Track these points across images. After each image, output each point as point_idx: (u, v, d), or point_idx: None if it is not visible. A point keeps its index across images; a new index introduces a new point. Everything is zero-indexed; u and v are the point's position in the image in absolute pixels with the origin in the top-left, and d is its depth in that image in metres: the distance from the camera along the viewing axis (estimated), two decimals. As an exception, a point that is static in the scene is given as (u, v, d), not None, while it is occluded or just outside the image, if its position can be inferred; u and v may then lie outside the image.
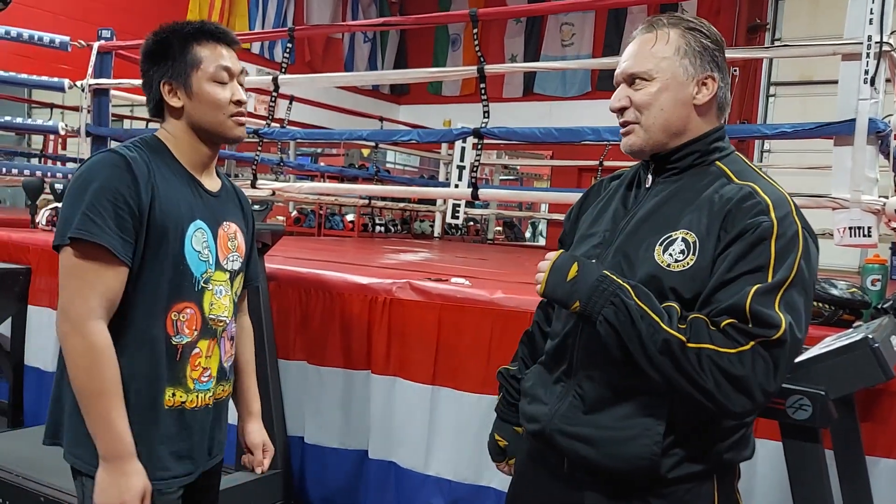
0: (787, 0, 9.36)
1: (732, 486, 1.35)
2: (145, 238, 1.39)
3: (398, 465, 2.65)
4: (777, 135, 2.77)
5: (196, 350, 1.47)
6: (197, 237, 1.46)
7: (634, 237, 1.31)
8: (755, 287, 1.16)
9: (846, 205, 2.57)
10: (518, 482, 1.52)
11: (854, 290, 2.12)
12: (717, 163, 1.32)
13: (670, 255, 1.24)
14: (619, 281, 1.23)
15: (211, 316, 1.50)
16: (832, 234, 2.62)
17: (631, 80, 1.32)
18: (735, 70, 9.33)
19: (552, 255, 1.32)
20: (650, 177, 1.36)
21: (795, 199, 3.02)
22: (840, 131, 2.57)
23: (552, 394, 1.36)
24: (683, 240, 1.24)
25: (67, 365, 1.36)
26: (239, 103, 1.49)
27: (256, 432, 1.70)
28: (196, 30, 1.48)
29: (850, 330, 1.79)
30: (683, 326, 1.19)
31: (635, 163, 1.43)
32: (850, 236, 2.58)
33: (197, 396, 1.49)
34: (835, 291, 2.12)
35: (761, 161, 9.43)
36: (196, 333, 1.47)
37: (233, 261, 1.56)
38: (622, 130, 1.35)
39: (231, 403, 1.67)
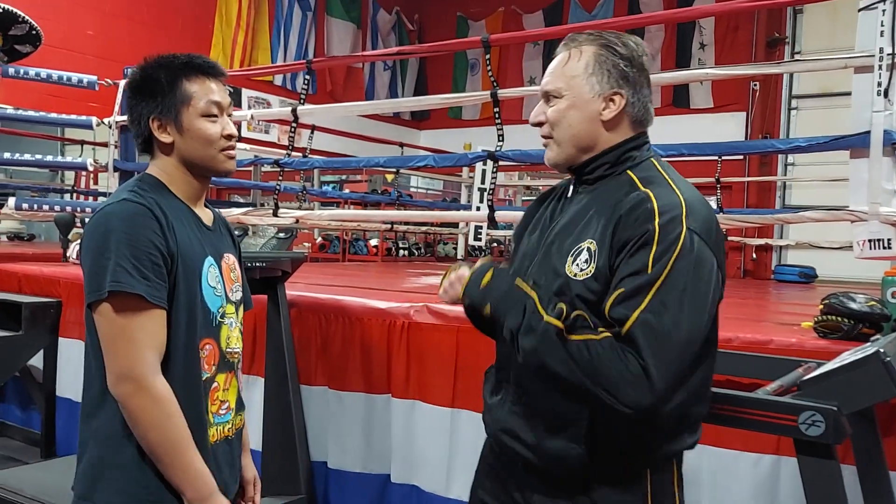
0: (805, 13, 9.31)
1: (669, 479, 1.35)
2: (174, 280, 1.39)
3: (420, 488, 2.66)
4: (791, 149, 2.76)
5: (214, 384, 1.48)
6: (211, 273, 1.47)
7: (552, 248, 1.36)
8: (618, 292, 1.22)
9: (865, 217, 2.54)
10: (476, 482, 1.56)
11: (873, 303, 2.09)
12: (628, 171, 1.35)
13: (577, 265, 1.30)
14: (527, 289, 1.30)
15: (228, 349, 1.51)
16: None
17: (546, 96, 1.39)
18: (755, 84, 9.30)
19: (477, 264, 1.40)
20: (571, 188, 1.43)
21: (815, 213, 2.99)
22: (855, 144, 2.56)
23: (496, 399, 1.44)
24: (588, 249, 1.29)
25: (136, 424, 1.33)
26: (230, 137, 1.48)
27: (250, 467, 1.67)
28: (185, 64, 1.46)
29: (867, 344, 1.77)
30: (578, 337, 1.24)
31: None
32: (871, 248, 2.56)
33: (216, 430, 1.48)
34: (853, 305, 2.10)
35: (786, 174, 9.35)
36: (214, 368, 1.47)
37: (236, 291, 1.56)
38: (543, 144, 1.42)
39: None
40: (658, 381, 1.18)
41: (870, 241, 2.57)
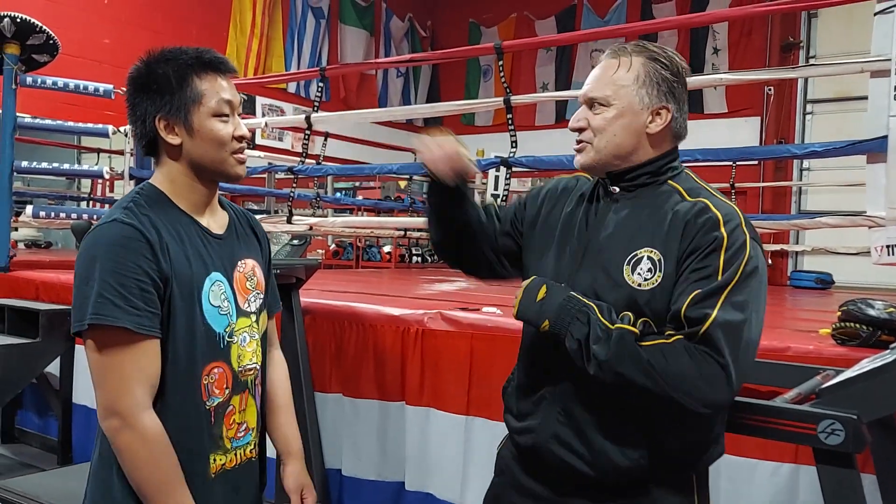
0: (820, 17, 9.25)
1: (706, 484, 1.42)
2: (169, 306, 1.30)
3: (435, 496, 2.65)
4: (807, 154, 2.74)
5: (230, 408, 1.39)
6: (214, 292, 1.36)
7: (602, 256, 1.36)
8: (694, 293, 1.24)
9: (882, 223, 2.52)
10: (503, 488, 1.53)
11: (892, 309, 2.07)
12: (670, 182, 1.38)
13: (639, 274, 1.31)
14: (584, 300, 1.30)
15: (240, 368, 1.41)
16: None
17: (591, 103, 1.38)
18: (770, 89, 9.24)
19: (525, 282, 1.38)
20: (609, 193, 1.41)
21: (831, 218, 2.97)
22: (872, 149, 2.54)
23: (540, 408, 1.42)
24: (649, 258, 1.31)
25: (124, 461, 1.27)
26: (241, 139, 1.38)
27: (295, 475, 1.54)
28: (194, 59, 1.34)
29: (886, 351, 1.75)
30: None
31: None
32: (889, 254, 2.53)
33: (236, 454, 1.41)
34: (872, 312, 2.08)
35: (801, 179, 9.28)
36: (228, 391, 1.38)
37: (253, 300, 1.45)
38: (575, 148, 1.41)
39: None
40: (735, 379, 1.23)
41: (888, 246, 2.54)
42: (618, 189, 1.40)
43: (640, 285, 1.30)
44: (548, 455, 1.39)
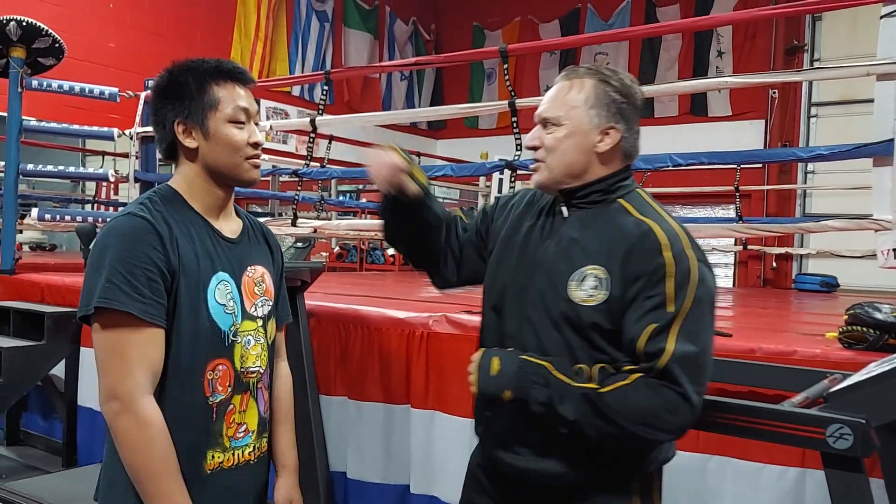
0: (824, 20, 9.24)
1: (653, 490, 1.46)
2: (175, 298, 1.34)
3: (440, 499, 2.65)
4: (813, 157, 2.74)
5: (231, 406, 1.41)
6: (220, 290, 1.40)
7: (550, 270, 1.40)
8: (649, 328, 1.29)
9: (888, 226, 2.51)
10: (467, 493, 1.60)
11: (899, 313, 2.06)
12: (620, 200, 1.42)
13: (583, 290, 1.35)
14: (538, 361, 1.34)
15: (242, 369, 1.43)
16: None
17: (545, 122, 1.45)
18: (774, 92, 9.23)
19: (476, 357, 1.43)
20: (563, 209, 1.46)
21: (837, 222, 2.96)
22: (878, 152, 2.54)
23: (491, 414, 1.48)
24: (595, 276, 1.35)
25: (120, 445, 1.29)
26: (256, 145, 1.44)
27: (287, 489, 1.57)
28: (213, 69, 1.42)
29: (894, 355, 1.75)
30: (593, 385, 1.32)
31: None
32: (895, 258, 2.53)
33: (234, 454, 1.43)
34: (879, 315, 2.07)
35: (805, 182, 9.27)
36: (230, 390, 1.41)
37: (261, 306, 1.48)
38: (531, 167, 1.47)
39: None
40: (696, 404, 1.29)
41: (894, 250, 2.54)
42: (569, 207, 1.44)
43: (584, 301, 1.35)
44: (495, 458, 1.46)
